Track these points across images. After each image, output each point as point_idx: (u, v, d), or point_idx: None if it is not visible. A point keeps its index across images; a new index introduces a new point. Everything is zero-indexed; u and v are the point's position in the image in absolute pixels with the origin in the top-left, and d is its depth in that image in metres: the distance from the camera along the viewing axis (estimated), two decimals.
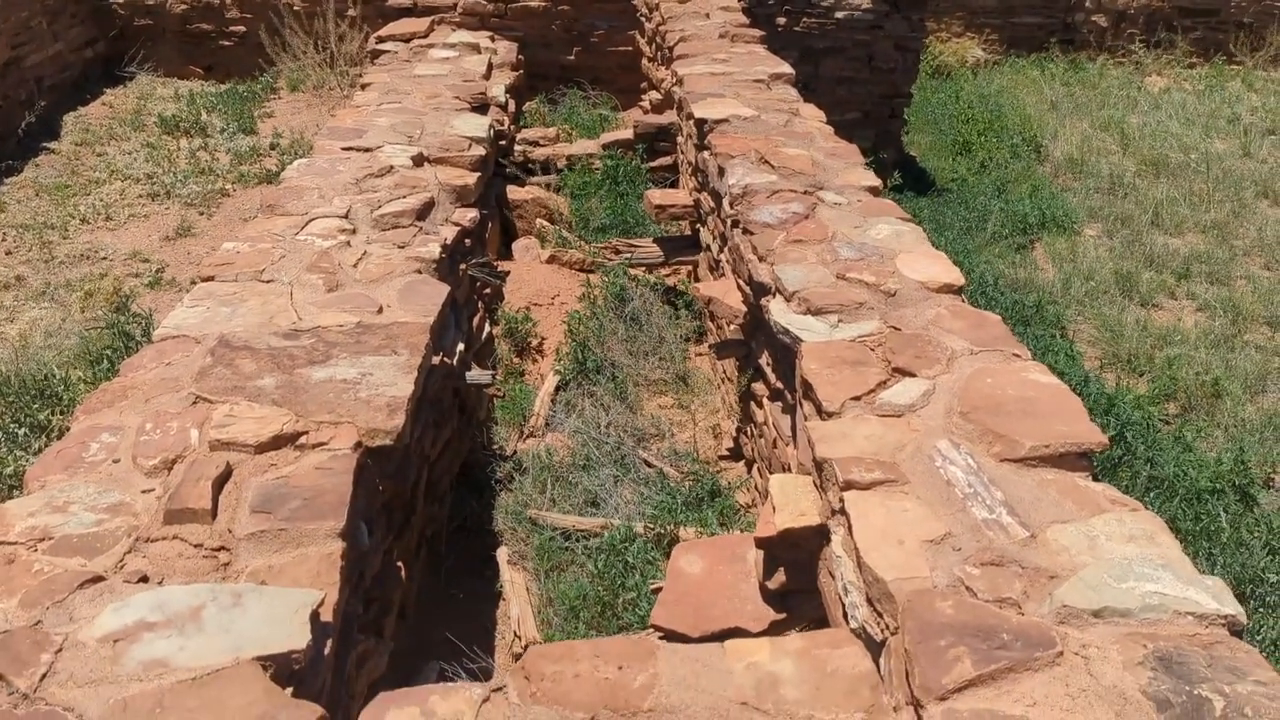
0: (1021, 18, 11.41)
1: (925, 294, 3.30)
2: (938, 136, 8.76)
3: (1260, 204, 7.58)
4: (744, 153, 4.39)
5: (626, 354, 4.41)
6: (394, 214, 3.88)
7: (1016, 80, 10.46)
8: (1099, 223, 7.28)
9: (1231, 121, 9.36)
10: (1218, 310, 5.97)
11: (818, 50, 7.35)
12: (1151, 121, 9.30)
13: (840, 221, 3.81)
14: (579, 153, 5.97)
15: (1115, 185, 7.84)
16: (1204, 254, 6.70)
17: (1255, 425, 4.78)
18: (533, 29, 7.33)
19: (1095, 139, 8.85)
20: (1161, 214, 7.29)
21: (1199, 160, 8.29)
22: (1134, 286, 6.23)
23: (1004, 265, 6.49)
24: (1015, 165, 8.13)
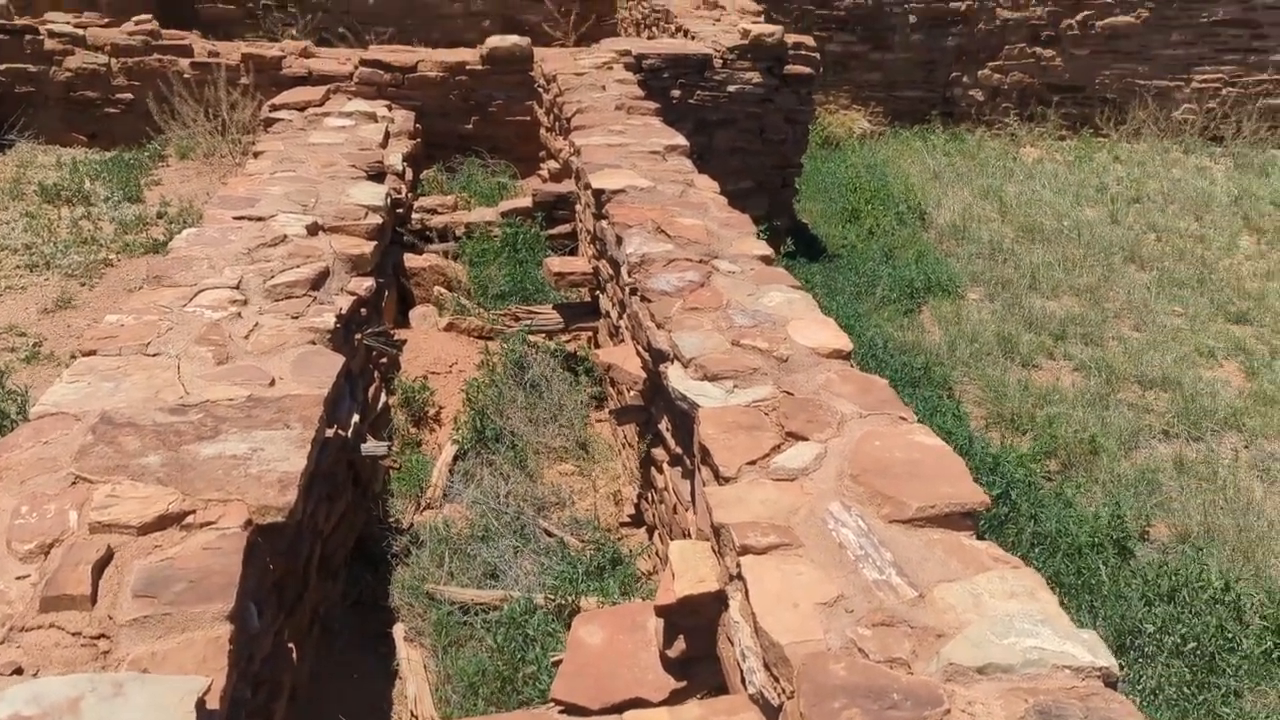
0: (904, 92, 11.96)
1: (816, 359, 3.39)
2: (828, 204, 9.07)
3: (1128, 268, 8.03)
4: (641, 222, 4.47)
5: (526, 421, 4.41)
6: (287, 284, 3.83)
7: (901, 150, 10.93)
8: (981, 286, 7.61)
9: (1100, 190, 9.94)
10: (1092, 370, 6.28)
11: (711, 122, 7.57)
12: (1027, 190, 9.80)
13: (735, 289, 3.90)
14: (477, 220, 6.00)
15: (995, 251, 8.22)
16: (1078, 316, 7.06)
17: (1130, 480, 5.02)
18: (430, 98, 7.37)
19: (976, 206, 9.29)
20: (1038, 278, 7.67)
21: (1071, 227, 8.76)
22: (1015, 348, 6.52)
23: (893, 328, 6.72)
24: (902, 232, 8.46)
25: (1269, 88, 12.12)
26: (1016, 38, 11.89)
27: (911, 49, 11.86)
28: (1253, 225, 9.10)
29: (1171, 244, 8.55)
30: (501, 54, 7.51)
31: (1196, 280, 7.75)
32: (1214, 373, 6.38)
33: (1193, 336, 6.83)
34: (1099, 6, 11.85)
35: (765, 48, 7.59)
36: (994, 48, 11.91)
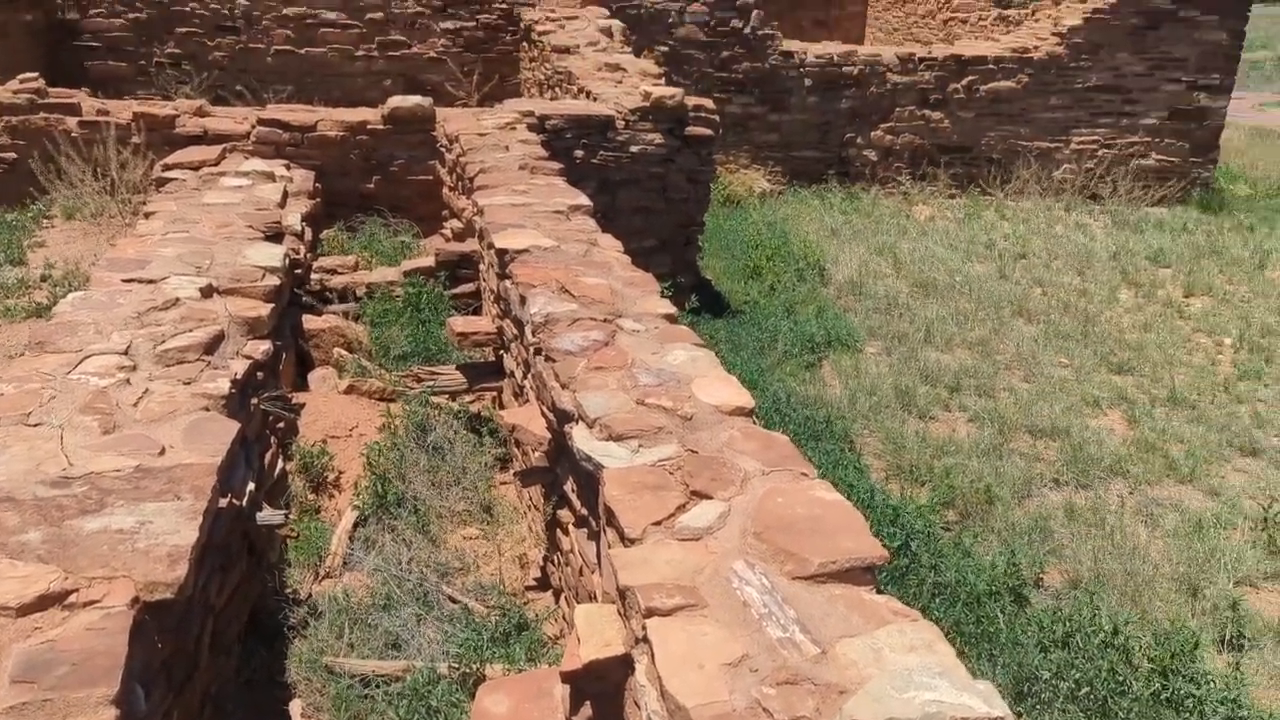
0: (801, 152, 12.33)
1: (719, 417, 3.43)
2: (731, 261, 9.24)
3: (1016, 321, 8.36)
4: (545, 282, 4.49)
5: (429, 485, 4.34)
6: (180, 349, 3.72)
7: (800, 209, 11.24)
8: (879, 340, 7.82)
9: (988, 247, 10.36)
10: (986, 421, 6.49)
11: (615, 182, 7.67)
12: (920, 247, 10.15)
13: (639, 348, 3.93)
14: (379, 280, 5.94)
15: (891, 305, 8.47)
16: (971, 368, 7.30)
17: (1024, 528, 5.18)
18: (330, 158, 7.32)
19: (872, 263, 9.57)
20: (933, 332, 7.92)
21: (962, 282, 9.09)
22: (912, 400, 6.69)
23: (796, 383, 6.84)
24: (802, 288, 8.66)
25: (1140, 149, 12.86)
26: (906, 101, 12.40)
27: (807, 111, 12.26)
28: (1130, 279, 9.58)
29: (1056, 298, 8.93)
30: (403, 114, 7.52)
31: (1080, 332, 8.10)
32: (1099, 421, 6.65)
33: (1078, 387, 7.12)
34: (983, 72, 12.45)
35: (666, 110, 7.76)
36: (886, 110, 12.39)
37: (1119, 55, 12.56)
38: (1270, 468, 6.12)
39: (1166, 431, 6.50)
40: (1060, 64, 12.52)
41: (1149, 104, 12.77)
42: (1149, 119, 12.79)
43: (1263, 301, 9.04)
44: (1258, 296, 9.18)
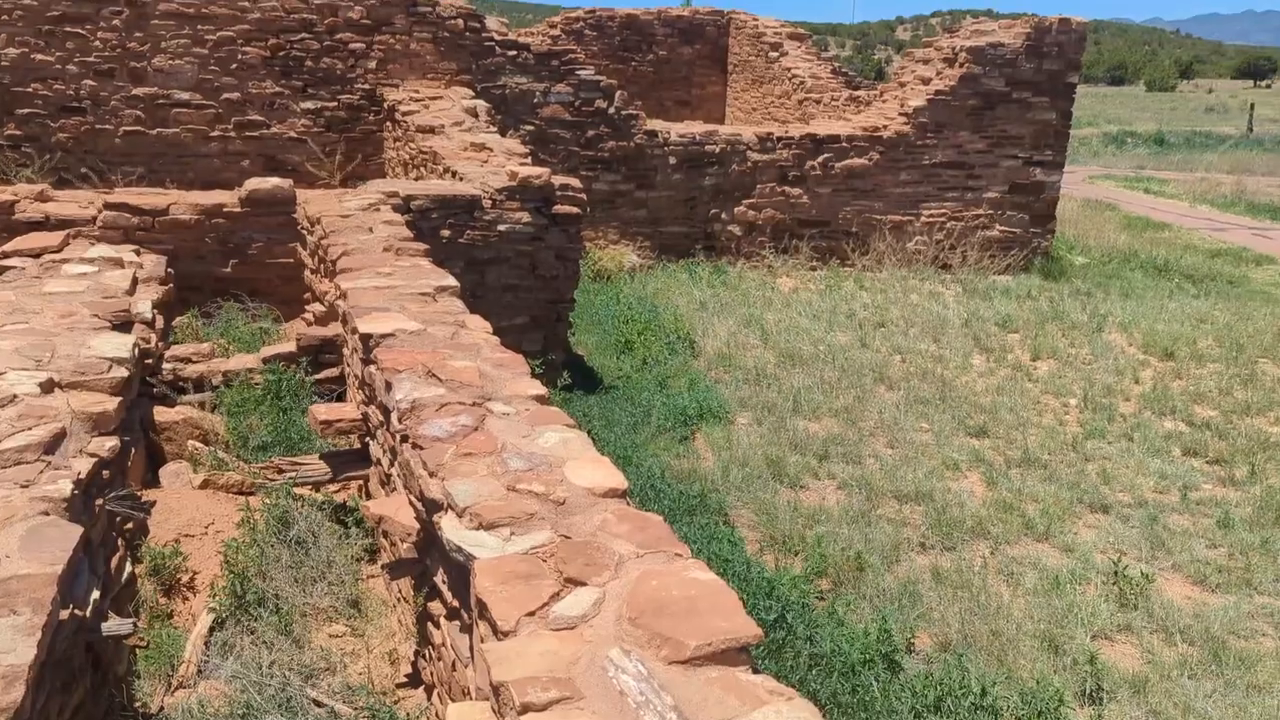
0: (669, 227, 12.61)
1: (592, 500, 3.40)
2: (603, 336, 9.30)
3: (878, 389, 8.64)
4: (411, 366, 4.41)
5: (292, 582, 4.15)
6: (16, 449, 3.49)
7: (669, 283, 11.44)
8: (749, 411, 7.95)
9: (849, 316, 10.73)
10: (854, 488, 6.64)
11: (483, 261, 7.66)
12: (786, 318, 10.44)
13: (509, 432, 3.88)
14: (237, 368, 5.73)
15: (760, 376, 8.65)
16: (838, 436, 7.49)
17: (894, 593, 5.29)
18: (184, 242, 7.07)
19: (740, 335, 9.79)
20: (800, 401, 8.11)
21: (826, 352, 9.37)
22: (783, 470, 6.81)
23: (669, 457, 6.88)
24: (673, 361, 8.77)
25: (984, 221, 13.62)
26: (767, 178, 12.85)
27: (673, 188, 12.57)
28: (982, 345, 10.05)
29: (915, 364, 9.29)
30: (262, 196, 7.35)
31: (938, 397, 8.43)
32: (960, 484, 6.89)
33: (939, 450, 7.38)
34: (837, 150, 13.03)
35: (533, 189, 7.82)
36: (748, 187, 12.81)
37: (961, 134, 13.35)
38: (1118, 522, 6.44)
39: (1022, 491, 6.78)
40: (908, 142, 13.21)
41: (990, 179, 13.57)
42: (991, 193, 13.58)
43: (1102, 363, 9.61)
44: (1098, 358, 9.75)
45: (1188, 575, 5.87)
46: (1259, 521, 6.47)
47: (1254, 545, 6.14)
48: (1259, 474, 7.20)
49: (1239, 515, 6.56)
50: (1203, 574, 5.85)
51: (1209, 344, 10.30)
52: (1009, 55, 13.25)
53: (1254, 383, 9.14)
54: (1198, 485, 7.07)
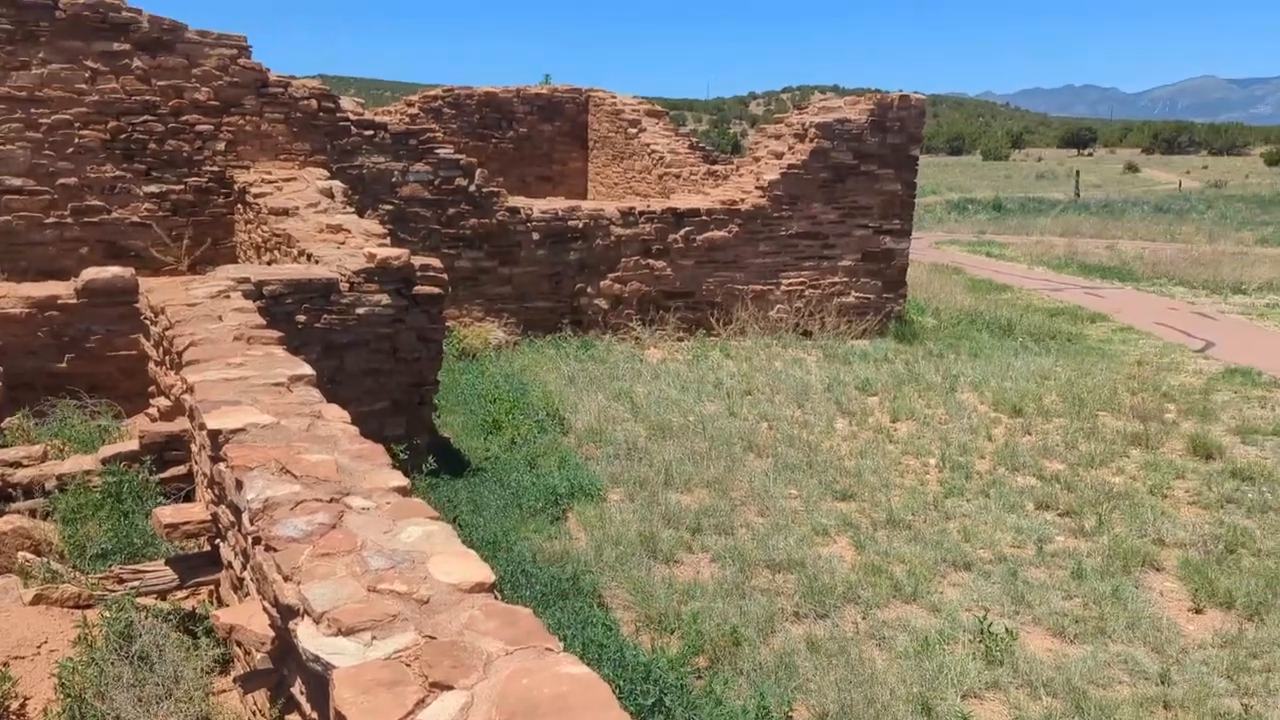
0: (535, 303, 12.59)
1: (459, 596, 3.28)
2: (469, 417, 9.14)
3: (748, 457, 8.74)
4: (263, 463, 4.20)
5: (135, 702, 3.84)
6: None
7: (537, 359, 11.38)
8: (621, 487, 7.91)
9: (717, 386, 10.87)
10: (727, 559, 6.65)
11: (342, 345, 7.44)
12: (655, 390, 10.50)
13: (369, 528, 3.73)
14: (73, 470, 5.36)
15: (631, 450, 8.63)
16: (710, 507, 7.51)
17: (770, 667, 5.28)
18: (14, 337, 6.64)
19: (610, 409, 9.77)
20: (672, 474, 8.11)
21: (696, 422, 9.44)
22: (657, 546, 6.77)
23: (541, 539, 6.75)
24: (543, 439, 8.67)
25: (841, 288, 14.10)
26: (631, 251, 13.02)
27: (538, 263, 12.59)
28: (844, 409, 10.31)
29: (781, 431, 9.45)
30: (100, 286, 7.00)
31: (806, 463, 8.57)
32: (829, 549, 6.99)
33: (808, 517, 7.48)
34: (698, 223, 13.32)
35: (392, 270, 7.69)
36: (612, 261, 12.94)
37: (815, 205, 13.85)
38: (980, 579, 6.63)
39: (889, 553, 6.92)
40: (765, 214, 13.62)
41: (844, 247, 14.09)
42: (846, 261, 14.08)
43: (957, 422, 9.98)
44: (953, 418, 10.13)
45: (1047, 628, 6.06)
46: (1108, 570, 6.76)
47: (1105, 594, 6.40)
48: (1105, 524, 7.54)
49: (1090, 565, 6.84)
50: (1061, 625, 6.05)
51: (1053, 400, 10.84)
52: (855, 130, 13.87)
53: (1096, 435, 9.64)
54: (1051, 538, 7.35)
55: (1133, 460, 9.07)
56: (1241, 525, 7.56)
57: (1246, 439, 9.74)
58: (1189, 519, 7.74)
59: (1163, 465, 8.87)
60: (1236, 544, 7.21)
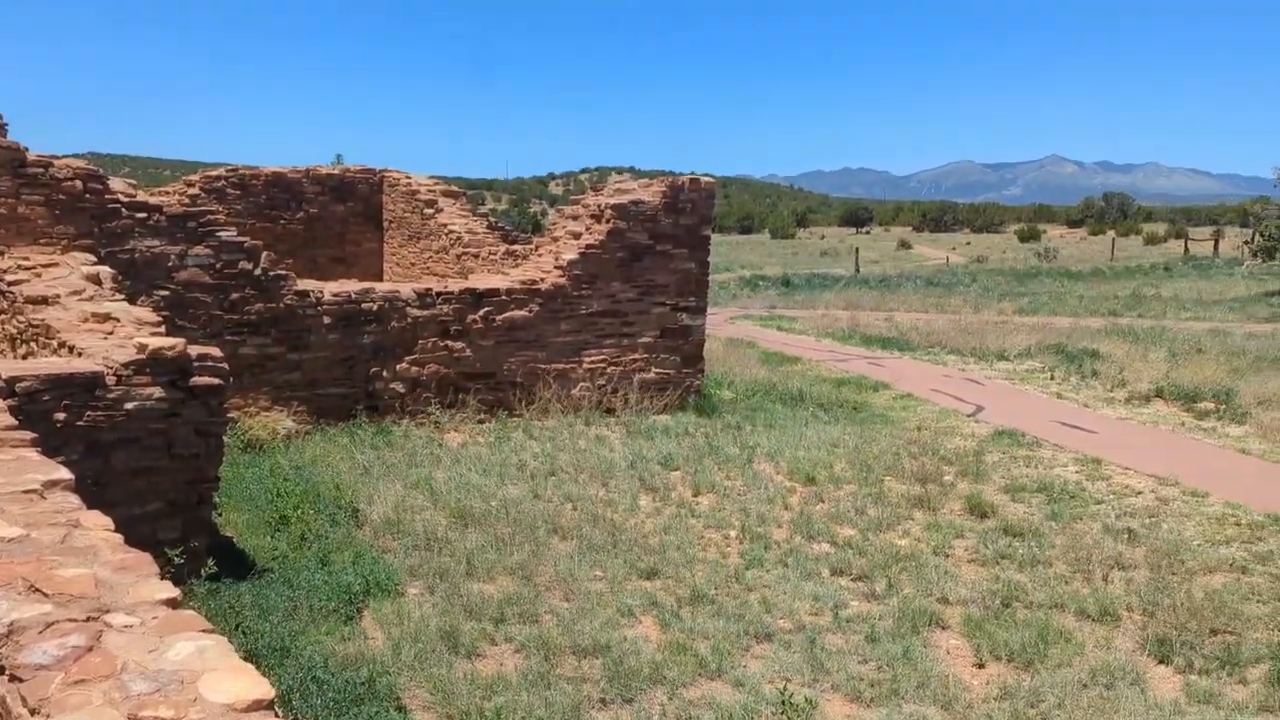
0: (327, 389, 12.11)
1: (235, 717, 3.03)
2: (255, 514, 8.63)
3: (553, 540, 8.63)
4: (9, 582, 3.80)
5: None
6: None
7: (329, 449, 10.91)
8: (420, 580, 7.62)
9: (520, 468, 10.74)
10: (532, 649, 6.49)
11: (108, 444, 6.88)
12: (455, 475, 10.26)
13: (133, 648, 3.41)
14: None
15: (431, 540, 8.36)
16: (514, 595, 7.34)
17: None
18: None
19: (409, 498, 9.46)
20: (474, 563, 7.90)
21: (499, 507, 9.27)
22: (458, 640, 6.54)
23: (333, 642, 6.39)
24: (335, 534, 8.28)
25: (641, 365, 14.33)
26: (429, 333, 12.79)
27: (329, 348, 12.16)
28: (647, 485, 10.40)
29: (586, 511, 9.41)
30: None
31: (611, 543, 8.55)
32: (635, 630, 6.96)
33: (614, 598, 7.44)
34: (497, 303, 13.27)
35: (166, 361, 7.21)
36: (409, 343, 12.66)
37: (613, 284, 14.09)
38: (781, 649, 6.75)
39: (693, 630, 6.95)
40: (565, 293, 13.73)
41: (643, 325, 14.37)
42: (645, 338, 14.35)
43: (755, 493, 10.25)
44: (751, 489, 10.40)
45: (845, 694, 6.22)
46: (899, 632, 7.04)
47: (898, 655, 6.65)
48: (895, 586, 7.88)
49: (883, 628, 7.11)
50: (858, 690, 6.23)
51: (843, 466, 11.33)
52: (650, 212, 14.28)
53: (882, 500, 10.12)
54: (846, 603, 7.61)
55: (917, 522, 9.56)
56: (1015, 579, 8.07)
57: (1015, 497, 10.48)
58: (969, 576, 8.20)
59: (943, 526, 9.39)
60: (1011, 598, 7.68)
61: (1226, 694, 6.26)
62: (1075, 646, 6.87)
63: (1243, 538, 9.28)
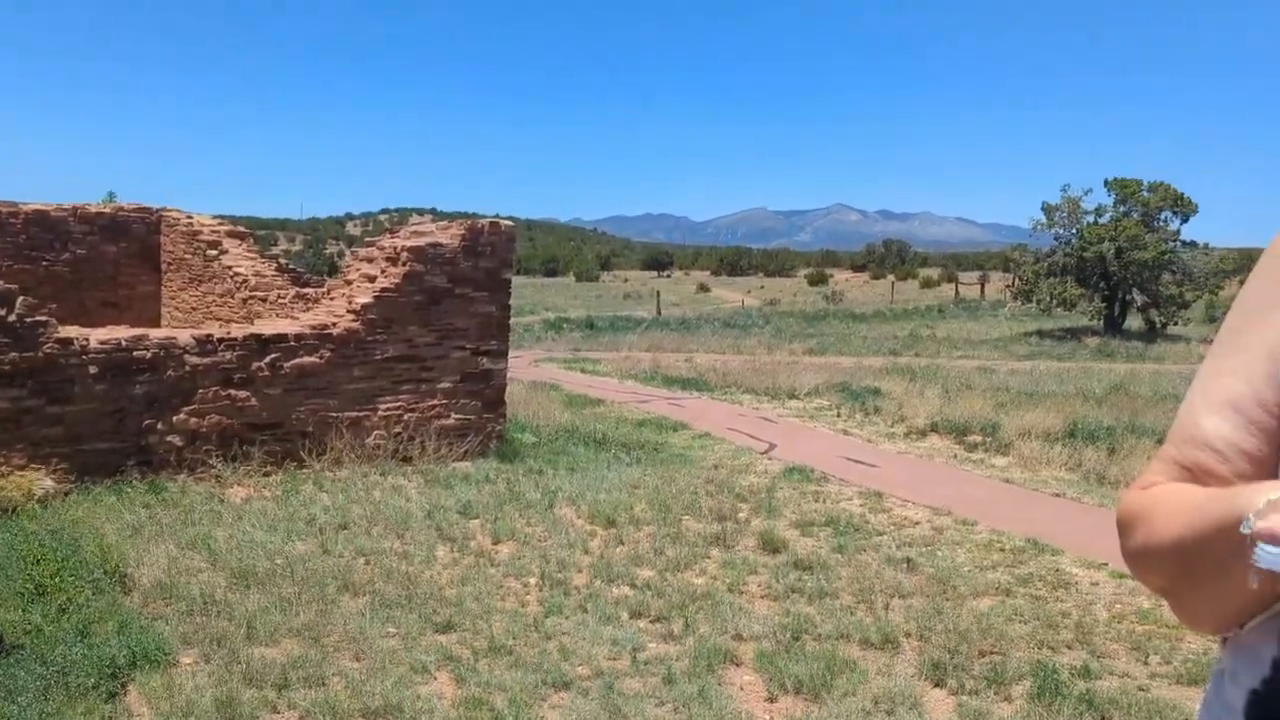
0: (93, 444, 11.21)
1: None
2: (5, 584, 7.82)
3: (343, 598, 8.25)
4: None
5: None
6: None
7: (94, 510, 10.06)
8: (195, 648, 7.10)
9: (309, 522, 10.24)
10: (318, 715, 6.15)
11: None
12: (238, 533, 9.67)
13: None
14: None
15: (208, 604, 7.82)
16: (299, 658, 6.94)
17: None
18: None
19: (184, 559, 8.83)
20: (255, 626, 7.43)
21: (285, 565, 8.78)
22: (236, 711, 6.11)
23: None
24: (99, 602, 7.61)
25: (440, 411, 14.04)
26: (210, 382, 12.08)
27: (96, 399, 11.27)
28: (445, 535, 10.14)
29: (380, 565, 9.06)
30: None
31: (405, 598, 8.26)
32: (429, 688, 6.71)
33: (407, 655, 7.16)
34: (286, 349, 12.70)
35: None
36: (188, 393, 11.92)
37: (411, 328, 13.77)
38: (578, 698, 6.68)
39: (490, 683, 6.78)
40: (359, 338, 13.31)
41: (442, 370, 14.10)
42: (444, 383, 14.09)
43: (556, 538, 10.18)
44: (552, 534, 10.33)
45: None
46: (694, 671, 7.12)
47: (693, 695, 6.71)
48: (691, 625, 7.99)
49: (679, 668, 7.17)
50: None
51: (643, 508, 11.44)
52: (449, 254, 14.09)
53: (681, 539, 10.27)
54: (644, 646, 7.63)
55: (713, 560, 9.75)
56: (804, 613, 8.34)
57: (805, 531, 10.88)
58: (762, 611, 8.41)
59: (738, 563, 9.62)
60: (801, 631, 7.92)
61: (994, 712, 6.66)
62: (860, 675, 7.14)
63: (1006, 562, 9.98)
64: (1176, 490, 1.43)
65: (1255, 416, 1.40)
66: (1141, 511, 1.45)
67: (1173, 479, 1.48)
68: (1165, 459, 1.51)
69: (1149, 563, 1.44)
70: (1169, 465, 1.50)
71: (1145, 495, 1.47)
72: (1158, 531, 1.39)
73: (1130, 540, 1.46)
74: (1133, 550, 1.46)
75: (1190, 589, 1.37)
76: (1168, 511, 1.38)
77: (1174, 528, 1.35)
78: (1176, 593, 1.41)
